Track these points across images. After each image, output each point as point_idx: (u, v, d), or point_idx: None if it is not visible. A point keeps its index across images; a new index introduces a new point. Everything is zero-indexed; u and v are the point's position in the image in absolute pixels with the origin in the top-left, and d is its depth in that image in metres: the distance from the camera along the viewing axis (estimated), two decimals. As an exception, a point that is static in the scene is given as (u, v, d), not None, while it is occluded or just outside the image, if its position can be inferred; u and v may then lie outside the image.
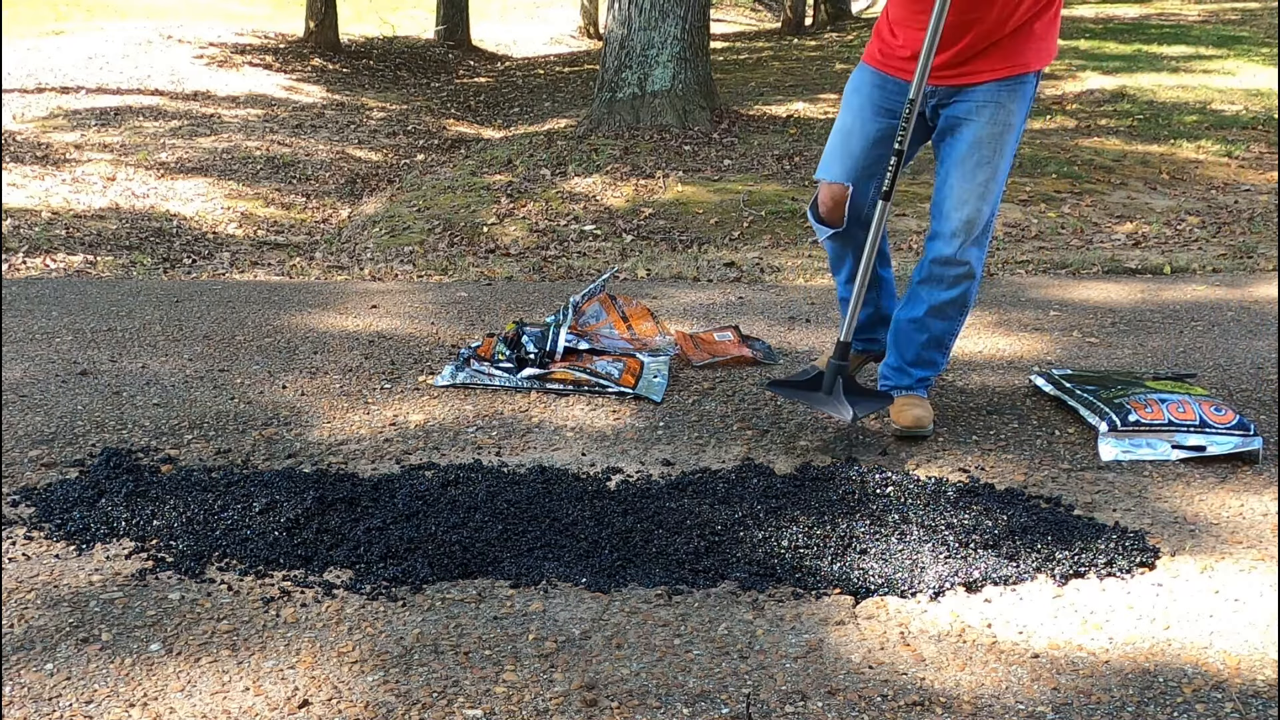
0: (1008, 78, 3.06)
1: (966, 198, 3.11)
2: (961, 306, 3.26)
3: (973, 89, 3.07)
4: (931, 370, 3.34)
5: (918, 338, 3.27)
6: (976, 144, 3.08)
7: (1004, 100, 3.07)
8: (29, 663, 2.14)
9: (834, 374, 3.12)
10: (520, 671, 2.13)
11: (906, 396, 3.28)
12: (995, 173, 3.10)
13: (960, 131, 3.10)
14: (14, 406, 3.43)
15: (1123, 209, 7.27)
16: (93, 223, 7.09)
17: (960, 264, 3.16)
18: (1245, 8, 17.38)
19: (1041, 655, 2.20)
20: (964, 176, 3.10)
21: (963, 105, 3.08)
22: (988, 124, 3.07)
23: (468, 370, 3.70)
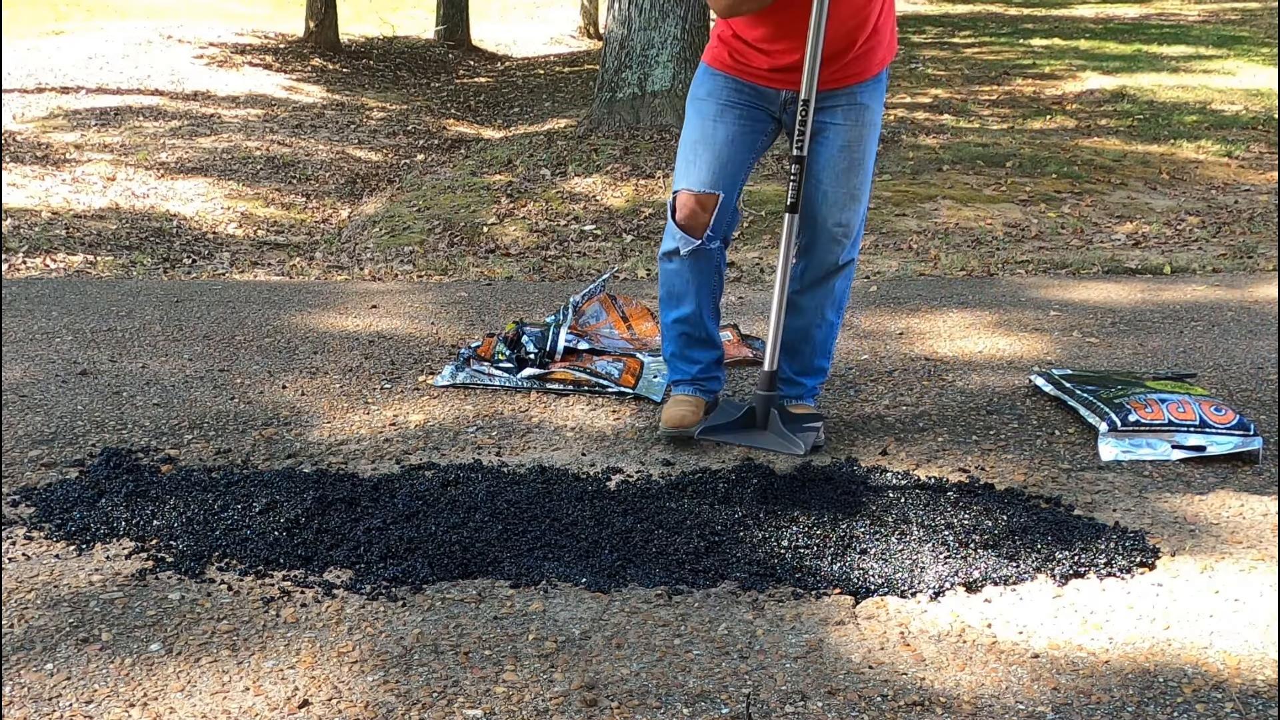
0: (868, 79, 3.05)
1: (842, 202, 3.08)
2: (838, 310, 3.25)
3: (835, 94, 3.03)
4: (820, 377, 3.33)
5: (803, 347, 3.25)
6: (846, 147, 3.05)
7: (867, 101, 3.05)
8: (29, 663, 2.14)
9: (766, 407, 3.01)
10: (520, 671, 2.13)
11: (796, 406, 3.27)
12: (865, 175, 3.09)
13: (827, 136, 3.05)
14: (14, 406, 3.43)
15: (1123, 209, 7.27)
16: (93, 223, 7.09)
17: (838, 269, 3.15)
18: (1245, 8, 17.38)
19: (1041, 655, 2.20)
20: (837, 182, 3.07)
21: (826, 111, 3.03)
22: (854, 127, 3.05)
23: (468, 370, 3.70)
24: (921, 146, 8.54)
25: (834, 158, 3.06)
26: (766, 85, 3.05)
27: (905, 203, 7.35)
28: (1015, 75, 11.71)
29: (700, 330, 3.25)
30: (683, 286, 3.20)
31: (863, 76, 3.04)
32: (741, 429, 3.07)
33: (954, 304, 4.71)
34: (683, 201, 3.10)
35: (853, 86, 3.04)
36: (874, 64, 3.06)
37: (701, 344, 3.27)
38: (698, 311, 3.21)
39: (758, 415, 3.02)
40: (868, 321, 4.46)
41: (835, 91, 3.03)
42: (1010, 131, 9.12)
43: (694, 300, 3.20)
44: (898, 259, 6.06)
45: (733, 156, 3.09)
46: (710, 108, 3.09)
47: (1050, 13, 17.37)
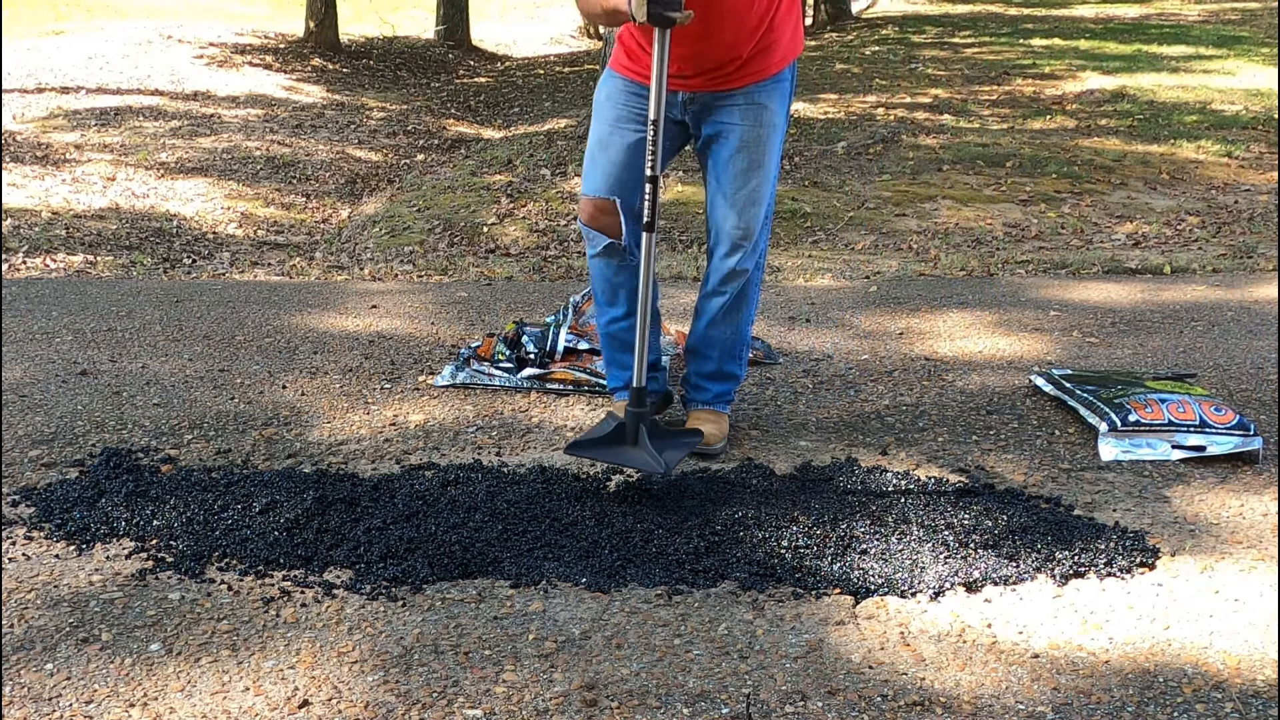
0: (765, 79, 3.00)
1: (741, 206, 3.03)
2: (748, 312, 3.19)
3: (731, 94, 2.99)
4: (731, 384, 3.26)
5: (711, 352, 3.21)
6: (742, 149, 3.01)
7: (764, 101, 3.00)
8: (29, 663, 2.14)
9: (635, 423, 2.88)
10: (520, 671, 2.13)
11: (700, 411, 3.22)
12: (765, 177, 3.03)
13: (724, 138, 3.02)
14: (14, 406, 3.43)
15: (1123, 209, 7.27)
16: (93, 223, 7.09)
17: (742, 273, 3.10)
18: (1245, 8, 17.38)
19: (1041, 655, 2.20)
20: (735, 183, 3.03)
21: (724, 111, 3.00)
22: (752, 127, 3.00)
23: (468, 370, 3.70)
24: (921, 146, 8.54)
25: (732, 158, 3.02)
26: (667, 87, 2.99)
27: (905, 203, 7.35)
28: (1015, 75, 11.71)
29: (630, 335, 3.20)
30: (609, 290, 3.19)
31: (760, 76, 2.98)
32: (610, 445, 2.91)
33: (954, 304, 4.71)
34: (583, 205, 3.13)
35: (750, 86, 2.98)
36: (772, 63, 2.99)
37: (627, 350, 3.20)
38: (627, 315, 3.19)
39: (627, 432, 2.90)
40: (868, 321, 4.46)
41: (732, 91, 2.98)
42: (1010, 131, 9.12)
43: (625, 303, 3.18)
44: (898, 259, 6.06)
45: (631, 162, 3.04)
46: (609, 112, 3.06)
47: (1050, 13, 17.37)
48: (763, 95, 3.00)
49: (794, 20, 3.04)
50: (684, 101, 3.01)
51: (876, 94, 10.83)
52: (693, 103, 3.01)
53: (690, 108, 3.03)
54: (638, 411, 2.88)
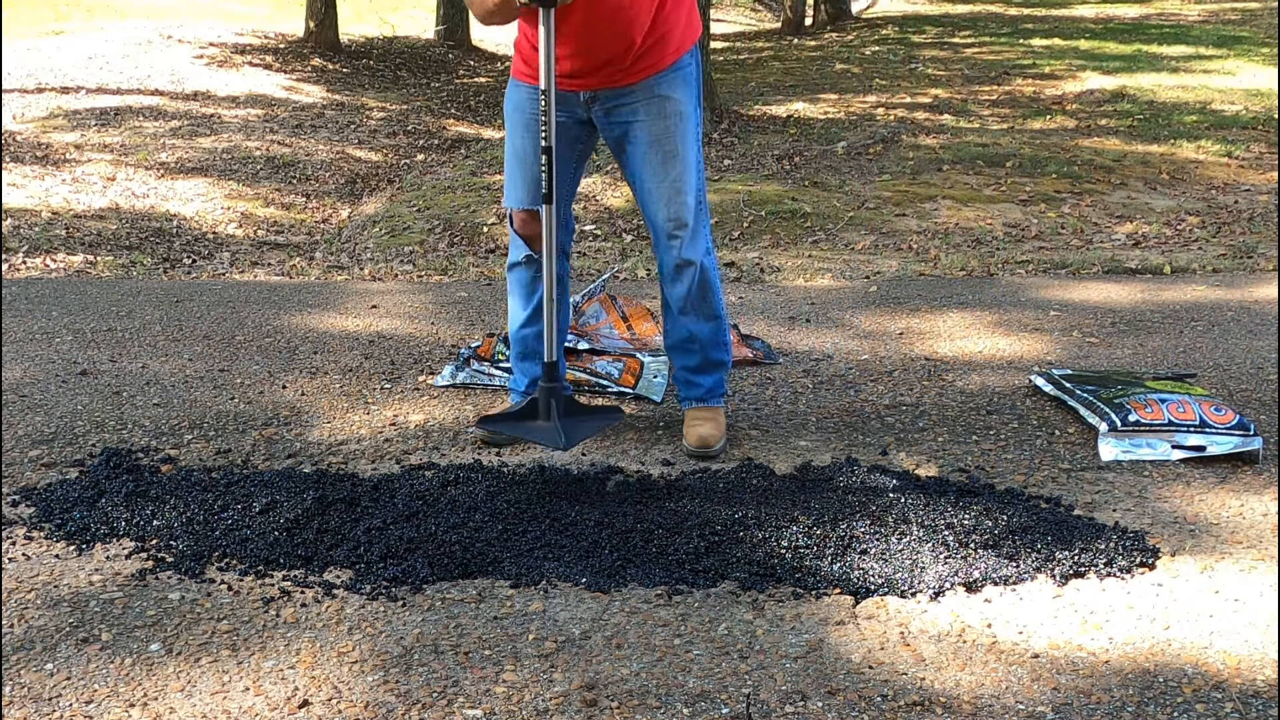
0: (663, 70, 2.98)
1: (667, 198, 3.02)
2: (711, 301, 3.16)
3: (630, 89, 2.97)
4: (720, 372, 3.23)
5: (690, 345, 3.19)
6: (653, 142, 2.99)
7: (666, 92, 2.98)
8: (29, 663, 2.14)
9: (547, 398, 2.89)
10: (520, 671, 2.13)
11: (696, 409, 3.20)
12: (685, 165, 3.00)
13: (634, 133, 3.01)
14: (14, 406, 3.43)
15: (1123, 209, 7.27)
16: (93, 223, 7.09)
17: (688, 264, 3.08)
18: (1245, 8, 17.38)
19: (1041, 655, 2.20)
20: (655, 177, 3.01)
21: (627, 109, 2.99)
22: (658, 119, 2.98)
23: (468, 370, 3.70)
24: (921, 146, 8.54)
25: (647, 154, 3.00)
26: (562, 90, 2.98)
27: (905, 203, 7.35)
28: (1015, 75, 11.71)
29: (527, 343, 3.21)
30: (526, 296, 3.18)
31: (657, 68, 2.96)
32: (520, 419, 2.93)
33: (954, 304, 4.71)
34: (517, 217, 3.11)
35: (649, 79, 2.97)
36: (668, 54, 2.97)
37: (533, 356, 3.21)
38: (530, 321, 3.18)
39: (539, 406, 2.91)
40: (868, 321, 4.46)
41: (632, 87, 2.97)
42: (1010, 131, 9.12)
43: (528, 310, 3.18)
44: (898, 259, 6.06)
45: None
46: (518, 121, 3.05)
47: (1050, 13, 17.38)
48: (663, 86, 2.98)
49: (687, 7, 3.01)
50: (585, 101, 3.00)
51: (876, 94, 10.83)
52: (594, 102, 3.00)
53: (592, 108, 3.01)
54: (547, 386, 2.88)
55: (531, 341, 3.20)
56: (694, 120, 3.04)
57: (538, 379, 3.13)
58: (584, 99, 3.00)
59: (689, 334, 3.18)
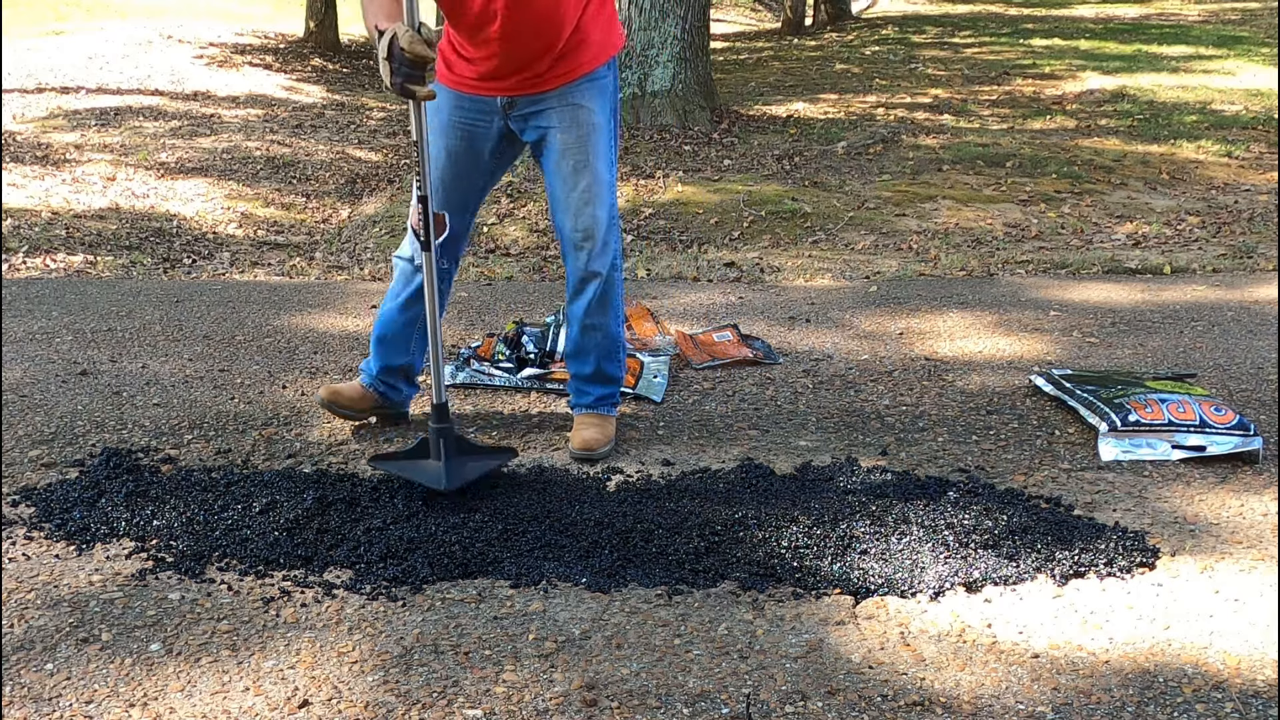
0: (579, 78, 2.97)
1: (575, 208, 3.02)
2: (614, 313, 3.17)
3: (545, 96, 2.97)
4: (612, 387, 3.24)
5: (588, 355, 3.20)
6: (566, 150, 2.99)
7: (582, 100, 2.98)
8: (29, 663, 2.14)
9: (436, 439, 2.87)
10: (520, 671, 2.13)
11: (584, 415, 3.21)
12: (596, 176, 3.00)
13: (548, 141, 3.01)
14: (14, 406, 3.43)
15: (1123, 209, 7.27)
16: (93, 223, 7.09)
17: (594, 277, 3.08)
18: (1245, 8, 17.38)
19: (1041, 655, 2.20)
20: (566, 186, 3.02)
21: (542, 115, 2.99)
22: (571, 127, 2.98)
23: (468, 370, 3.70)
24: (921, 146, 8.54)
25: (559, 162, 3.00)
26: (481, 94, 2.99)
27: (905, 203, 7.35)
28: (1015, 75, 11.71)
29: (392, 327, 3.21)
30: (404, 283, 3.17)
31: (572, 75, 2.96)
32: (409, 459, 2.90)
33: (954, 304, 4.71)
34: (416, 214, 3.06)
35: (564, 87, 2.97)
36: (583, 62, 2.97)
37: (393, 342, 3.22)
38: (403, 309, 3.18)
39: (430, 447, 2.88)
40: (868, 322, 4.46)
41: (545, 94, 2.97)
42: (1010, 131, 9.12)
43: (403, 295, 3.18)
44: (898, 259, 6.06)
45: (458, 176, 3.05)
46: (434, 124, 3.04)
47: (1050, 13, 17.38)
48: (577, 95, 2.98)
49: (606, 18, 3.01)
50: (503, 106, 3.00)
51: (876, 94, 10.83)
52: (512, 107, 3.00)
53: (511, 113, 3.01)
54: (438, 428, 2.86)
55: (395, 326, 3.19)
56: (607, 132, 3.03)
57: (391, 367, 3.19)
58: (501, 104, 3.00)
59: (584, 346, 3.19)
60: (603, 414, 3.22)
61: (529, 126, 3.03)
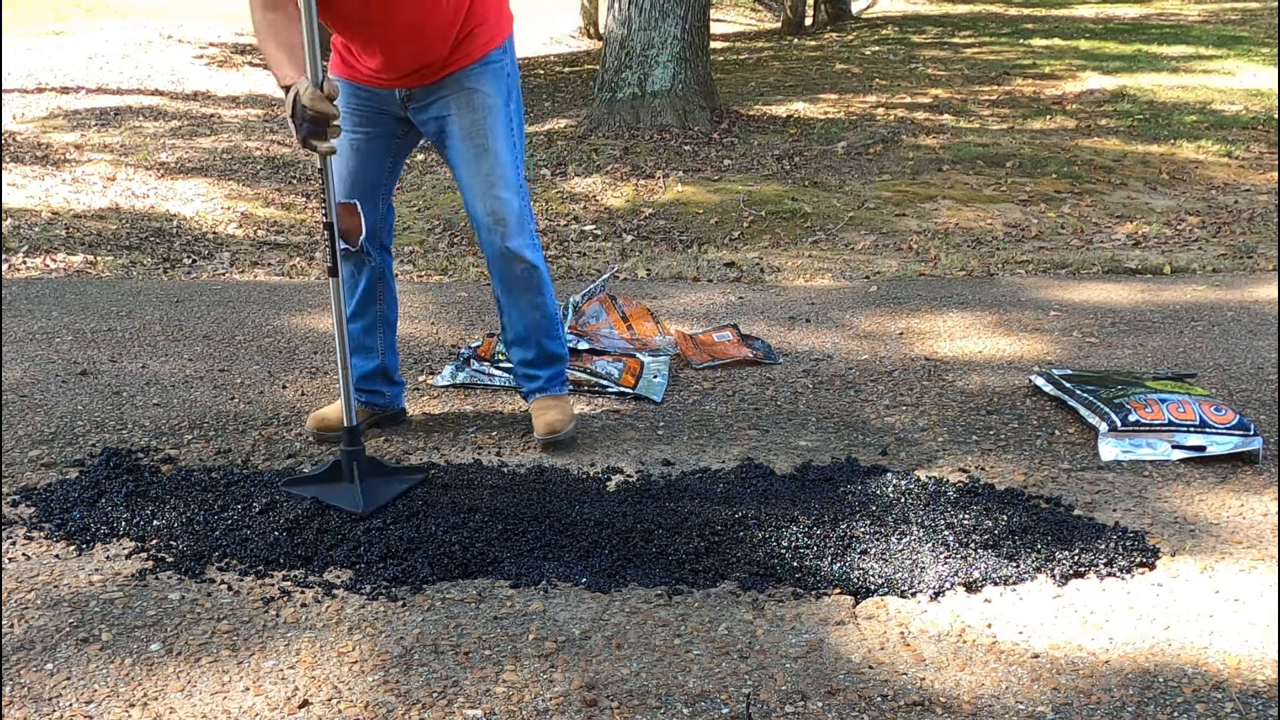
0: (473, 63, 2.98)
1: (481, 191, 3.01)
2: (539, 295, 3.14)
3: (441, 84, 2.98)
4: (559, 365, 3.25)
5: (529, 339, 3.19)
6: (465, 136, 3.00)
7: (476, 85, 2.98)
8: (29, 663, 2.14)
9: (349, 461, 2.85)
10: (520, 671, 2.13)
11: (540, 399, 3.21)
12: (498, 158, 2.99)
13: (446, 129, 3.02)
14: (14, 406, 3.43)
15: (1123, 209, 7.27)
16: (93, 223, 7.09)
17: (513, 256, 3.06)
18: (1245, 8, 17.39)
19: (1041, 655, 2.20)
20: (469, 171, 3.01)
21: (439, 103, 3.00)
22: (467, 112, 2.99)
23: (468, 370, 3.70)
24: (921, 146, 8.54)
25: (461, 147, 3.01)
26: (378, 86, 3.00)
27: (905, 203, 7.35)
28: (1015, 75, 11.71)
29: (353, 339, 3.20)
30: (348, 294, 3.17)
31: (466, 61, 2.97)
32: (323, 482, 2.87)
33: (954, 304, 4.71)
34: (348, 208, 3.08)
35: (458, 73, 2.97)
36: (476, 48, 2.98)
37: (358, 351, 3.22)
38: (354, 317, 3.18)
39: (343, 470, 2.85)
40: (868, 322, 4.46)
41: (441, 81, 2.98)
42: (1010, 131, 9.12)
43: (351, 304, 3.18)
44: (898, 259, 6.06)
45: (362, 165, 3.05)
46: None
47: (1050, 13, 17.38)
48: (471, 80, 2.99)
49: (495, 4, 3.01)
50: (402, 99, 3.01)
51: (876, 94, 10.83)
52: (410, 99, 3.01)
53: (410, 104, 3.02)
54: (349, 450, 2.86)
55: (358, 335, 3.20)
56: (505, 115, 3.03)
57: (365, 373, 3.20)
58: (400, 97, 3.01)
59: (523, 327, 3.18)
60: (557, 394, 3.23)
61: (428, 118, 3.04)
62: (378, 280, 3.20)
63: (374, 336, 3.24)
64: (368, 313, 3.20)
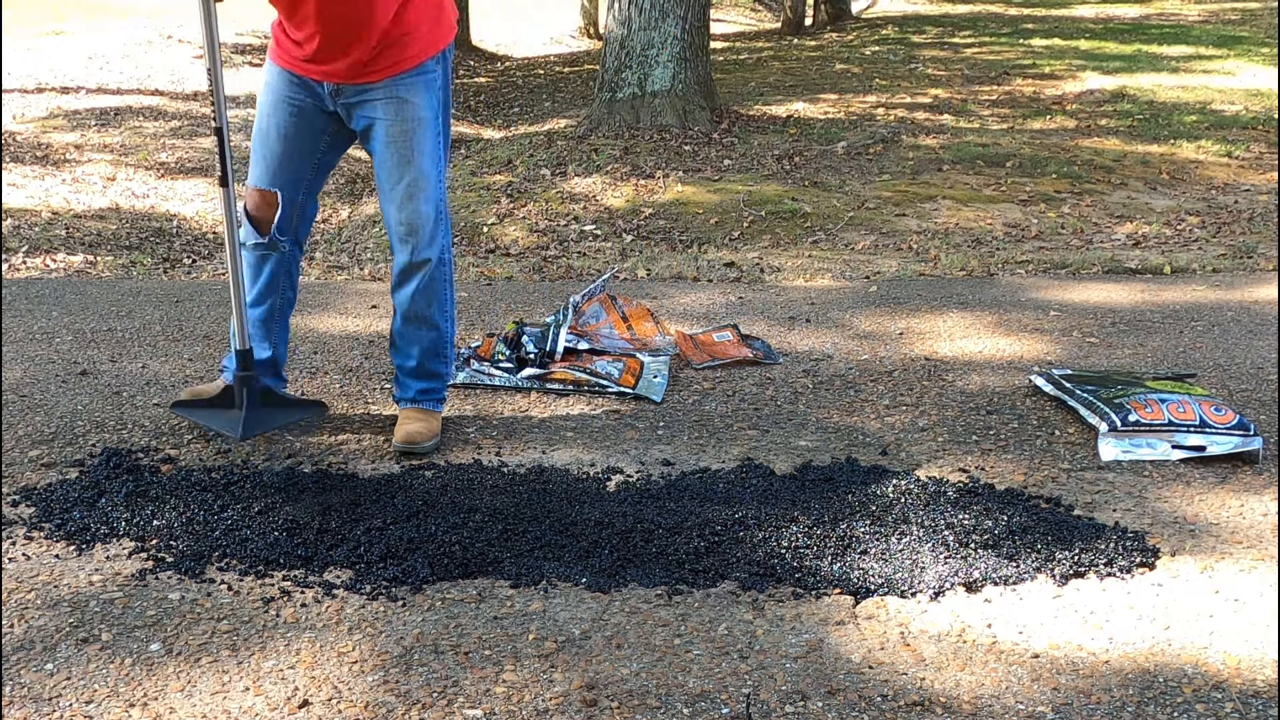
0: (404, 71, 2.96)
1: (400, 201, 3.01)
2: (442, 309, 3.16)
3: (372, 87, 2.97)
4: (436, 383, 3.24)
5: (411, 349, 3.19)
6: (390, 144, 2.99)
7: (406, 95, 2.97)
8: (29, 663, 2.14)
9: (240, 386, 2.88)
10: (520, 671, 2.13)
11: (407, 409, 3.21)
12: (421, 172, 2.99)
13: (373, 133, 3.01)
14: (14, 406, 3.43)
15: (1123, 209, 7.27)
16: (93, 223, 7.09)
17: (418, 268, 3.07)
18: (1245, 8, 17.39)
19: (1041, 655, 2.20)
20: (391, 179, 3.01)
21: (368, 105, 2.99)
22: (395, 122, 2.98)
23: (468, 370, 3.70)
24: (921, 146, 8.54)
25: (385, 154, 3.00)
26: (308, 76, 2.99)
27: (905, 203, 7.35)
28: (1015, 75, 11.71)
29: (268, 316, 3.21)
30: (253, 275, 3.18)
31: (398, 69, 2.95)
32: (210, 406, 2.91)
33: (954, 304, 4.71)
34: (248, 194, 3.11)
35: (389, 80, 2.96)
36: (408, 56, 2.96)
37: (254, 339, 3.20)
38: (254, 304, 3.18)
39: (235, 394, 2.88)
40: (868, 322, 4.46)
41: (372, 85, 2.96)
42: (1010, 131, 9.12)
43: (253, 290, 3.17)
44: (898, 259, 6.06)
45: (288, 154, 3.04)
46: (266, 100, 3.05)
47: (1050, 13, 17.38)
48: (402, 89, 2.97)
49: (432, 13, 3.00)
50: (330, 93, 3.00)
51: (876, 94, 10.83)
52: (339, 94, 3.00)
53: (338, 100, 3.01)
54: (241, 375, 2.86)
55: (252, 322, 3.19)
56: (434, 128, 3.02)
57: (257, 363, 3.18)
58: (329, 90, 3.00)
59: (406, 337, 3.19)
60: (427, 409, 3.22)
61: (356, 115, 3.02)
62: (281, 273, 3.19)
63: (269, 327, 3.23)
64: (267, 301, 3.19)
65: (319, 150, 3.11)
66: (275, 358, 3.28)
